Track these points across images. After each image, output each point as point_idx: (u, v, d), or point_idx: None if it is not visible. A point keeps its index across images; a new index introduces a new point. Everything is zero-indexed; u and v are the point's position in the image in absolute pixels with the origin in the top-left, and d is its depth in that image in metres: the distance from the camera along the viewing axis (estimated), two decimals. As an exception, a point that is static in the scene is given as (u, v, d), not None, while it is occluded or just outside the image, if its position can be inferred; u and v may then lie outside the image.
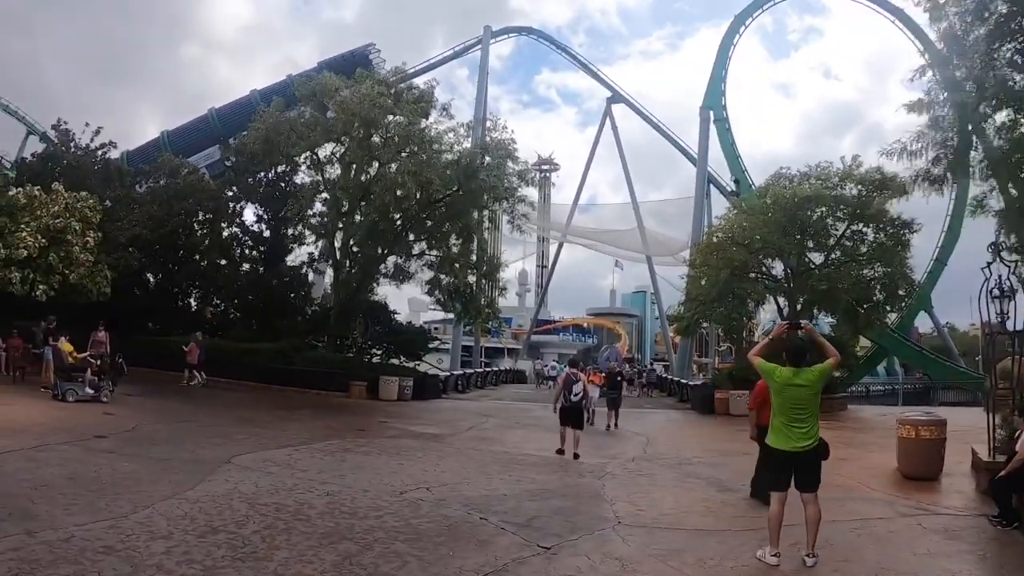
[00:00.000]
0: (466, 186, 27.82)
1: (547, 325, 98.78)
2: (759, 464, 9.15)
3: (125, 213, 31.91)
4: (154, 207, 32.54)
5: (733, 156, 55.05)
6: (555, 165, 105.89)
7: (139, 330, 31.34)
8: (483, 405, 28.58)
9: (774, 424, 7.09)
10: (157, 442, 13.35)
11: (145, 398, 20.85)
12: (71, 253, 23.69)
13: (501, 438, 17.92)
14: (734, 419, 24.50)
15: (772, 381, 7.11)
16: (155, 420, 16.44)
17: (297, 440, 14.84)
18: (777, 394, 7.06)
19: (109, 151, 36.73)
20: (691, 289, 33.82)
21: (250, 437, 14.83)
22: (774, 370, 7.12)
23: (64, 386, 18.48)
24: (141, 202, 33.48)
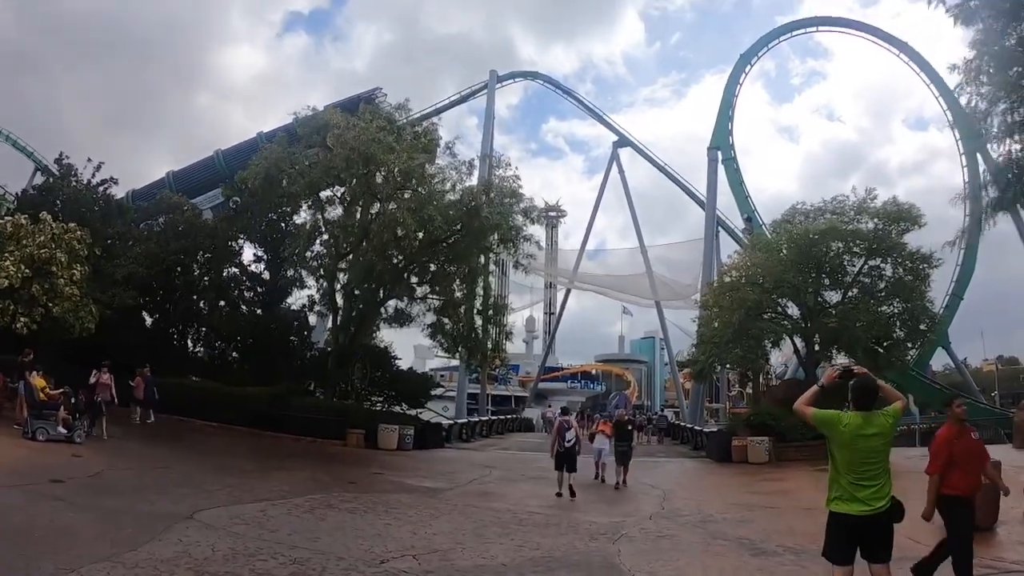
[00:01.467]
0: (469, 225, 26.70)
1: (555, 372, 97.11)
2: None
3: (123, 250, 30.86)
4: (151, 244, 31.62)
5: (742, 195, 54.23)
6: (562, 212, 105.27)
7: (132, 370, 29.73)
8: (487, 455, 27.29)
9: (840, 484, 5.69)
10: (118, 491, 12.22)
11: (126, 440, 19.85)
12: (56, 285, 22.45)
13: (503, 493, 16.51)
14: (753, 468, 23.41)
15: (837, 433, 5.70)
16: (125, 465, 15.42)
17: (276, 493, 13.56)
18: (844, 448, 5.67)
19: (110, 187, 34.62)
20: (704, 331, 32.49)
21: (224, 488, 13.59)
22: (838, 419, 5.73)
23: (35, 424, 17.32)
24: (139, 239, 32.39)
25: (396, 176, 26.08)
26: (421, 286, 30.75)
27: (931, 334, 31.91)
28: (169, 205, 35.35)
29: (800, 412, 5.99)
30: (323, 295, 32.69)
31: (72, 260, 23.37)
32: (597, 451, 19.66)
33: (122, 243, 31.43)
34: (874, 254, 29.46)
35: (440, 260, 29.37)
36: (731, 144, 56.07)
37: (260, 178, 29.27)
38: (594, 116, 71.18)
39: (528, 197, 28.97)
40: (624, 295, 74.79)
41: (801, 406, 5.98)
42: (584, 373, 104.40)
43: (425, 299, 30.93)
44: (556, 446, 16.44)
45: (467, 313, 30.57)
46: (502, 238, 28.30)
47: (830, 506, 5.77)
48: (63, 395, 18.72)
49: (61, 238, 23.35)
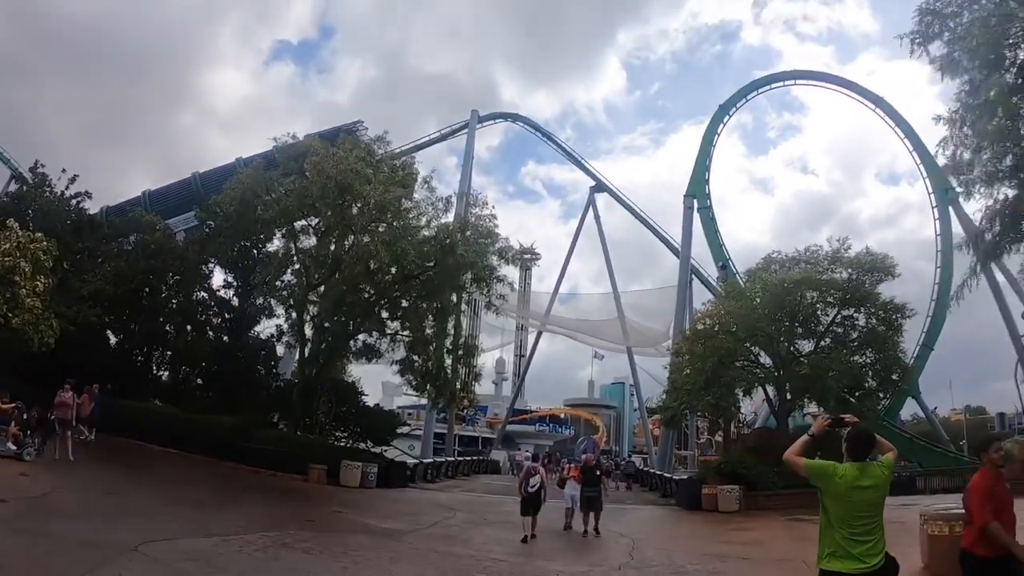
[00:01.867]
0: (443, 262, 26.32)
1: (523, 415, 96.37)
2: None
3: (92, 266, 30.62)
4: (120, 262, 31.06)
5: (717, 243, 54.27)
6: (536, 255, 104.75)
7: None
8: (452, 497, 26.67)
9: (833, 539, 5.24)
10: (62, 515, 11.68)
11: (80, 463, 19.02)
12: (17, 296, 21.61)
13: (467, 538, 15.88)
14: (724, 516, 23.04)
15: (832, 485, 5.26)
16: (75, 488, 14.83)
17: (231, 528, 12.90)
18: (839, 500, 5.23)
19: (83, 201, 34.54)
20: (676, 378, 32.16)
21: (177, 520, 12.98)
22: (833, 470, 5.30)
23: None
24: (109, 256, 31.94)
25: (371, 208, 25.73)
26: (392, 321, 30.29)
27: (903, 384, 31.85)
28: (141, 224, 34.64)
29: (791, 463, 5.55)
30: (292, 325, 32.08)
31: (36, 271, 22.60)
32: (568, 498, 18.58)
33: (92, 259, 31.32)
34: (847, 304, 29.58)
35: (412, 296, 28.96)
36: (707, 193, 56.20)
37: (235, 203, 29.09)
38: (573, 161, 71.45)
39: (503, 237, 28.83)
40: (595, 339, 74.51)
41: (792, 456, 5.55)
42: (553, 417, 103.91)
43: (396, 335, 30.40)
44: (521, 490, 16.76)
45: (437, 351, 30.01)
46: (476, 277, 28.00)
47: (822, 564, 5.31)
48: (15, 410, 18.09)
49: (26, 247, 22.58)
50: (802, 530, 18.98)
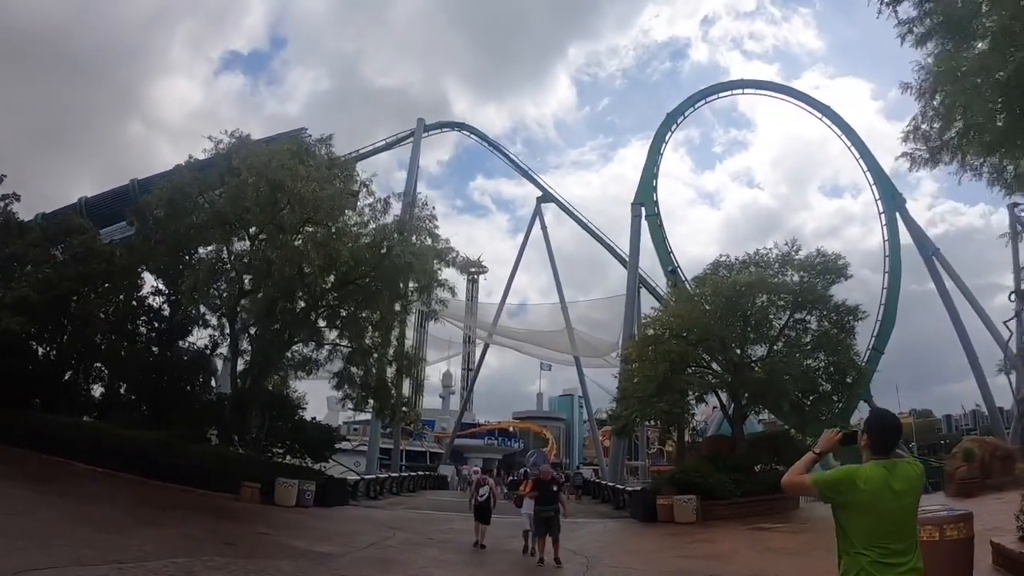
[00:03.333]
0: (379, 264, 25.03)
1: (472, 428, 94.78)
2: None
3: (21, 273, 29.17)
4: (47, 269, 29.25)
5: (665, 251, 53.50)
6: (483, 268, 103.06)
7: (18, 404, 27.14)
8: (394, 514, 25.33)
9: (857, 563, 3.87)
10: None
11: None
12: None
13: (404, 560, 14.47)
14: (681, 528, 22.12)
15: (855, 495, 3.88)
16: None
17: (135, 553, 11.45)
18: (864, 513, 3.87)
19: (11, 203, 32.80)
20: (626, 386, 31.15)
21: (73, 544, 11.50)
22: (855, 476, 3.93)
23: None
24: (37, 262, 30.11)
25: (304, 207, 24.12)
26: (331, 332, 28.88)
27: (858, 387, 31.12)
28: (68, 228, 32.60)
29: (796, 486, 4.26)
30: (225, 335, 30.55)
31: None
32: (527, 518, 15.68)
33: (20, 265, 29.74)
34: (800, 307, 29.03)
35: (351, 305, 27.73)
36: (655, 201, 55.46)
37: (164, 204, 27.74)
38: (519, 170, 70.21)
39: (444, 239, 27.58)
40: (543, 350, 73.43)
41: (795, 479, 4.18)
42: (502, 430, 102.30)
43: (336, 347, 29.06)
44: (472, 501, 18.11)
45: (378, 363, 28.61)
46: (418, 285, 26.73)
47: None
48: None
49: None
50: (766, 540, 17.97)
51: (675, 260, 53.41)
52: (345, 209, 25.75)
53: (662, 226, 54.94)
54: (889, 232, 52.83)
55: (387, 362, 28.97)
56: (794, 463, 4.25)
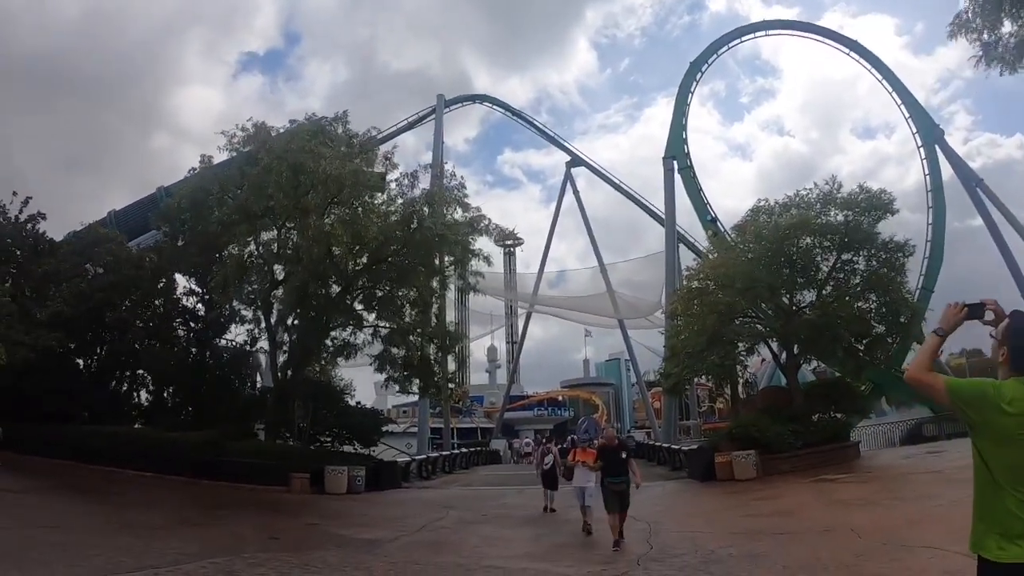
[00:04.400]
0: (410, 238, 24.34)
1: (520, 401, 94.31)
2: None
3: (56, 290, 29.00)
4: (79, 282, 29.35)
5: (701, 202, 52.37)
6: (519, 239, 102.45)
7: (63, 417, 27.27)
8: (447, 493, 24.84)
9: (996, 508, 3.00)
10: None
11: (24, 495, 17.62)
12: None
13: (458, 541, 13.83)
14: (741, 485, 21.13)
15: (992, 417, 3.00)
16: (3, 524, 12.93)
17: (172, 556, 10.95)
18: (1007, 442, 2.97)
19: (38, 223, 32.79)
20: (675, 343, 30.12)
21: (108, 552, 11.03)
22: (995, 392, 3.03)
23: None
24: (68, 277, 29.96)
25: (329, 186, 23.44)
26: (369, 314, 28.22)
27: (912, 327, 29.84)
28: (95, 238, 32.59)
29: (923, 384, 3.18)
30: (263, 329, 30.10)
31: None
32: (579, 491, 14.06)
33: (53, 282, 29.51)
34: (846, 247, 27.71)
35: (385, 284, 27.01)
36: (686, 152, 54.21)
37: (185, 201, 27.49)
38: (545, 137, 69.43)
39: (475, 207, 26.82)
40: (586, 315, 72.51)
41: (925, 375, 3.19)
42: (551, 400, 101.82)
43: (375, 329, 28.36)
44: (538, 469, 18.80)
45: (419, 341, 28.01)
46: (451, 255, 25.99)
47: (985, 549, 3.04)
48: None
49: None
50: (833, 492, 17.13)
51: (712, 211, 52.29)
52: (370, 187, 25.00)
53: (695, 178, 53.73)
54: (929, 166, 51.17)
55: (427, 339, 28.33)
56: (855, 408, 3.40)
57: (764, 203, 30.25)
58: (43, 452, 25.80)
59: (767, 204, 30.09)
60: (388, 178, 26.59)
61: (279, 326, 28.92)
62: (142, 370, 32.05)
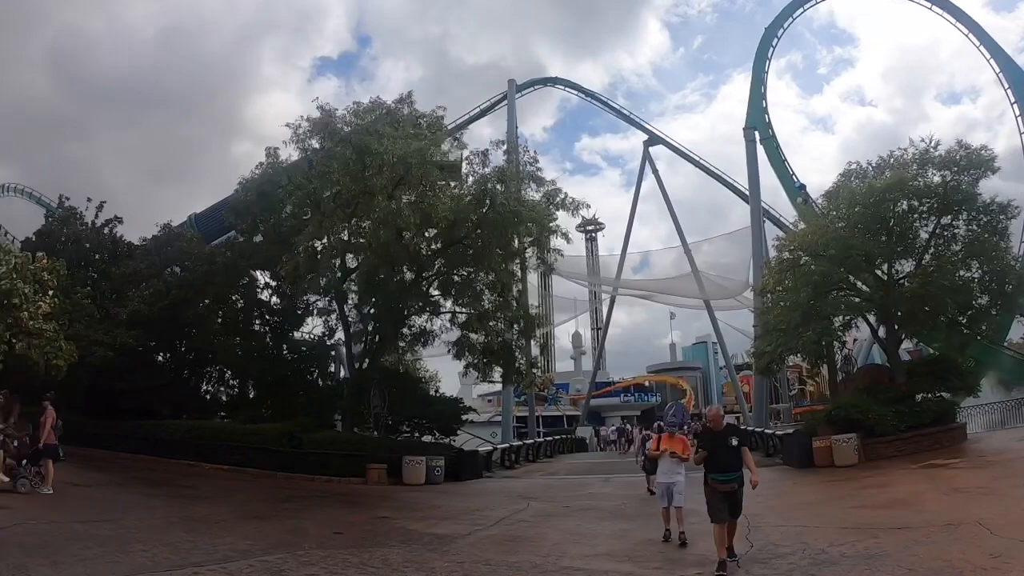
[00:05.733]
0: (483, 218, 23.44)
1: (606, 388, 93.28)
2: None
3: (133, 290, 29.69)
4: (157, 281, 29.70)
5: (787, 173, 50.65)
6: (600, 224, 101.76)
7: (144, 413, 27.99)
8: (529, 483, 23.98)
9: None
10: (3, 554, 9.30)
11: (90, 488, 17.44)
12: (19, 320, 19.63)
13: (536, 537, 12.57)
14: (843, 472, 19.56)
15: None
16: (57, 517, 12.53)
17: (223, 553, 10.28)
18: None
19: (115, 226, 34.60)
20: (767, 319, 28.43)
21: (162, 546, 10.50)
22: None
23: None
24: (146, 277, 30.49)
25: (395, 166, 22.47)
26: (446, 300, 27.49)
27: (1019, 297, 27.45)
28: (169, 237, 33.33)
29: None
30: (338, 318, 30.05)
31: (38, 292, 20.75)
32: (663, 489, 11.47)
33: (132, 283, 30.16)
34: (945, 210, 25.53)
35: (463, 270, 26.16)
36: (768, 122, 52.29)
37: (252, 194, 27.36)
38: (620, 116, 67.80)
39: (550, 181, 25.71)
40: (671, 297, 71.02)
41: None
42: (637, 386, 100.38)
43: (454, 315, 27.66)
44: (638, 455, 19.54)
45: (505, 323, 27.14)
46: (528, 234, 24.93)
47: None
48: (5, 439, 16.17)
49: (25, 268, 20.72)
50: (947, 479, 15.48)
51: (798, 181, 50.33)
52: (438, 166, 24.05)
53: (779, 147, 52.07)
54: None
55: (508, 324, 27.33)
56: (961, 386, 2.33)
57: (855, 166, 28.24)
58: (124, 448, 26.45)
59: (859, 167, 28.10)
60: (457, 157, 25.64)
61: (354, 315, 28.55)
62: (221, 365, 32.35)
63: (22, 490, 14.97)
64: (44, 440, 16.14)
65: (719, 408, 11.09)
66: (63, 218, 34.32)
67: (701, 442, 9.92)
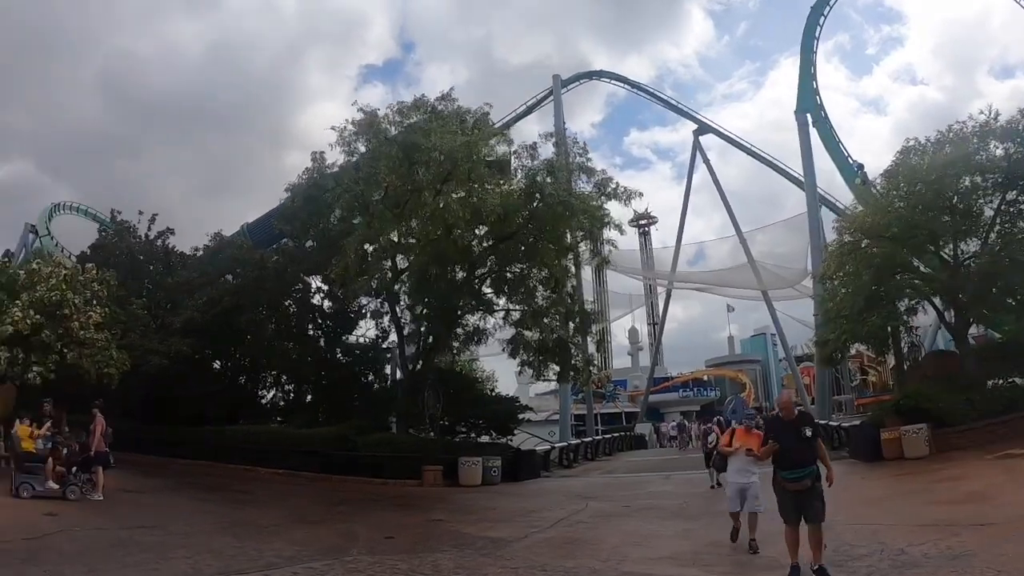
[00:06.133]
0: (534, 212, 23.13)
1: (664, 383, 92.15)
2: None
3: (187, 299, 30.21)
4: (210, 290, 30.08)
5: (841, 155, 49.57)
6: (653, 218, 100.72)
7: (200, 419, 28.11)
8: (588, 482, 23.43)
9: None
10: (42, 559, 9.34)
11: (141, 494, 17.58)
12: (71, 330, 20.07)
13: (596, 540, 11.98)
14: (914, 465, 18.49)
15: None
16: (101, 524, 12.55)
17: (266, 560, 10.11)
18: None
19: (167, 238, 35.52)
20: (829, 306, 27.45)
21: (196, 554, 10.34)
22: None
23: (20, 478, 15.21)
24: (199, 285, 31.13)
25: (442, 161, 22.13)
26: (499, 296, 27.33)
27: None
28: (219, 245, 33.79)
29: None
30: (391, 320, 29.86)
31: (89, 303, 21.12)
32: (736, 490, 10.33)
33: (186, 292, 31.06)
34: (1011, 185, 24.16)
35: (515, 267, 25.95)
36: (819, 104, 51.08)
37: (300, 199, 27.39)
38: (667, 106, 66.68)
39: (600, 170, 25.28)
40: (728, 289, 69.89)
41: None
42: (696, 380, 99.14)
43: (507, 313, 27.40)
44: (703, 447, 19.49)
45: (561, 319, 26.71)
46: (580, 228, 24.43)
47: None
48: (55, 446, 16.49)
49: (75, 279, 21.25)
50: (1025, 470, 14.61)
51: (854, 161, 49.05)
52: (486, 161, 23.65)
53: (832, 129, 50.99)
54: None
55: (563, 320, 26.91)
56: None
57: (914, 142, 27.02)
58: (181, 454, 26.80)
59: (917, 143, 26.89)
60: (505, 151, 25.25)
61: (407, 316, 28.45)
62: (275, 370, 32.53)
63: (72, 497, 15.13)
64: (94, 447, 16.35)
65: (791, 393, 9.99)
66: (116, 231, 35.09)
67: (769, 432, 8.94)
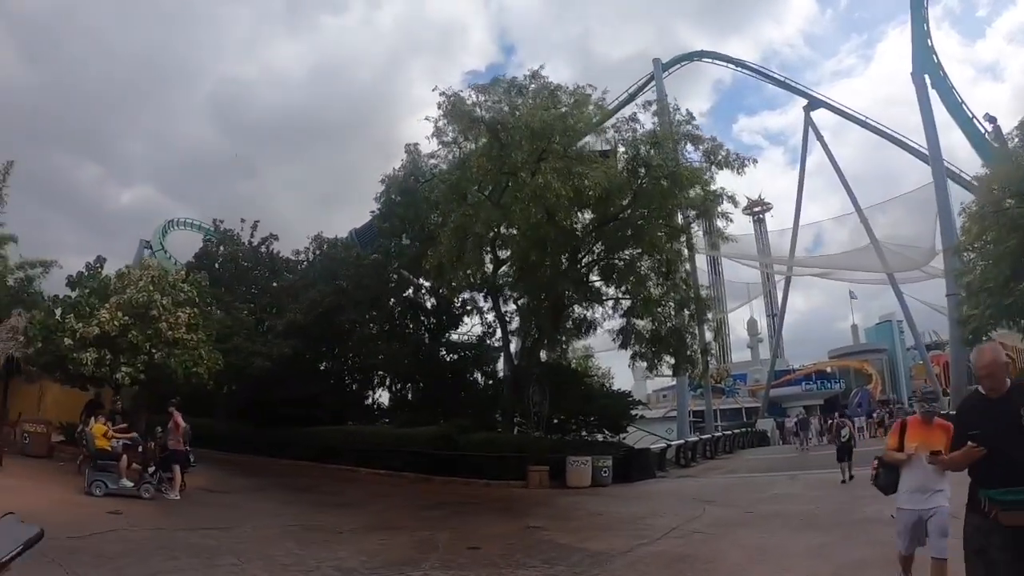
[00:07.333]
0: (638, 189, 21.39)
1: (786, 376, 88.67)
2: None
3: (291, 302, 30.28)
4: (312, 292, 29.80)
5: (965, 116, 46.27)
6: (767, 205, 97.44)
7: (305, 420, 28.12)
8: (706, 483, 21.74)
9: None
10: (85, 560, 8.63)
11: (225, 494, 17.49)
12: (159, 331, 19.88)
13: (711, 555, 9.97)
14: None
15: None
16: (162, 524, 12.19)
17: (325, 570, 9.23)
18: None
19: (271, 243, 36.36)
20: (970, 280, 24.72)
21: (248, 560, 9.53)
22: None
23: (93, 476, 15.17)
24: (302, 288, 31.02)
25: (535, 137, 20.30)
26: (607, 285, 25.52)
27: None
28: (318, 244, 33.80)
29: None
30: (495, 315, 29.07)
31: (177, 304, 20.95)
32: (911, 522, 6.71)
33: (290, 296, 31.22)
34: None
35: (624, 253, 24.17)
36: (937, 63, 48.08)
37: (395, 192, 27.12)
38: (773, 82, 63.87)
39: (709, 138, 23.24)
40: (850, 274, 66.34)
41: None
42: (818, 372, 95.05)
43: (617, 301, 25.79)
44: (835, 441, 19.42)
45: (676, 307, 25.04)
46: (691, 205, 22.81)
47: None
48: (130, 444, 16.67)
49: (163, 281, 21.23)
50: None
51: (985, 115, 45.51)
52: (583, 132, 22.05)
53: (953, 89, 47.79)
54: None
55: (677, 307, 25.18)
56: None
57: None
58: (285, 454, 27.24)
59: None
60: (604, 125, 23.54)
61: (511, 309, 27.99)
62: (380, 370, 32.11)
63: (145, 495, 15.06)
64: (172, 446, 16.24)
65: (994, 346, 4.98)
66: (219, 239, 35.90)
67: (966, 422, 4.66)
